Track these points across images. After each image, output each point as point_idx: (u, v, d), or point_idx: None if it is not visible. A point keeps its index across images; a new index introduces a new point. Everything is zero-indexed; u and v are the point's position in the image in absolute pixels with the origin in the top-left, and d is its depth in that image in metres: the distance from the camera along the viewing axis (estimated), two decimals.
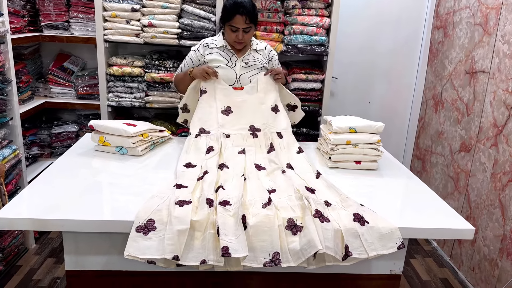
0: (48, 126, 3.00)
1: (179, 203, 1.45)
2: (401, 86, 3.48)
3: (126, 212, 1.44)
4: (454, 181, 2.86)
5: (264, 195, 1.57)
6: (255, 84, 2.20)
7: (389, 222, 1.48)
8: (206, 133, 2.07)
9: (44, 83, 2.95)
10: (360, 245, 1.43)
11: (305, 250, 1.37)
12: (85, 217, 1.42)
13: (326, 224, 1.42)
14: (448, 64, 3.02)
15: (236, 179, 1.69)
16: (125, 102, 2.81)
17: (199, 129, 2.09)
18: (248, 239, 1.38)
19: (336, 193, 1.65)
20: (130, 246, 1.34)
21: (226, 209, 1.44)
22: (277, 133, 2.11)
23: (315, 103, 2.94)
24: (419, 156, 3.45)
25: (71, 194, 1.58)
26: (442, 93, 3.09)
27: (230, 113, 2.13)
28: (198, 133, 2.06)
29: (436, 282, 2.63)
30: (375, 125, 1.97)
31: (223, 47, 2.23)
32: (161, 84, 2.80)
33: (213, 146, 1.97)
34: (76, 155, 1.96)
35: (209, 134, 2.06)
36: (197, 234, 1.39)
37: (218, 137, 2.03)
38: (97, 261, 1.59)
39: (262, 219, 1.42)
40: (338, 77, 3.31)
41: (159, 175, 1.80)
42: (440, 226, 1.53)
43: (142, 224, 1.38)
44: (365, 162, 1.97)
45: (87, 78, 2.96)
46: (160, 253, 1.33)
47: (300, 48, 2.77)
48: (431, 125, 3.25)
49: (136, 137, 1.95)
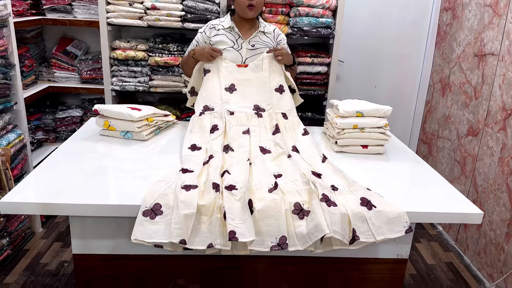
0: (53, 110, 2.99)
1: (185, 187, 1.44)
2: (408, 69, 3.43)
3: (132, 196, 1.44)
4: (460, 165, 2.84)
5: (270, 180, 1.56)
6: (260, 62, 2.16)
7: (396, 206, 1.47)
8: (210, 110, 2.04)
9: (47, 68, 2.94)
10: (367, 229, 1.42)
11: (312, 234, 1.36)
12: (91, 201, 1.42)
13: (333, 208, 1.41)
14: (456, 47, 2.97)
15: (242, 164, 1.68)
16: (129, 87, 2.79)
17: (203, 106, 2.06)
18: (254, 223, 1.38)
19: (342, 178, 1.64)
20: (137, 230, 1.34)
21: (232, 194, 1.43)
22: (282, 114, 2.08)
23: (321, 87, 2.91)
24: (425, 140, 3.42)
25: (76, 178, 1.57)
26: (450, 76, 3.04)
27: (234, 91, 2.10)
28: (202, 111, 2.04)
29: (441, 266, 2.63)
30: (382, 109, 1.95)
31: (230, 28, 2.19)
32: (165, 68, 2.77)
33: (218, 124, 1.95)
34: (81, 140, 1.96)
35: (213, 111, 2.04)
36: (203, 218, 1.39)
37: (222, 114, 2.01)
38: (104, 245, 1.59)
39: (269, 204, 1.41)
40: (344, 61, 3.27)
41: (165, 159, 1.79)
42: (448, 210, 1.52)
43: (148, 208, 1.37)
44: (372, 147, 1.96)
45: (90, 62, 2.93)
46: (167, 237, 1.33)
47: (305, 31, 2.73)
48: (438, 109, 3.21)
49: (141, 122, 1.93)
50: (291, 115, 2.10)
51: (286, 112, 2.10)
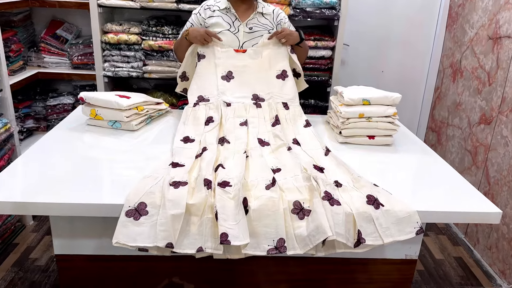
0: (43, 98, 2.85)
1: (174, 184, 1.31)
2: (416, 53, 3.26)
3: (117, 194, 1.31)
4: (472, 155, 2.69)
5: (267, 175, 1.43)
6: (260, 48, 2.01)
7: (406, 205, 1.34)
8: (205, 101, 1.90)
9: (36, 52, 2.79)
10: (374, 230, 1.29)
11: (313, 236, 1.23)
12: (71, 200, 1.29)
13: (336, 207, 1.28)
14: (468, 29, 2.79)
15: (238, 157, 1.55)
16: (122, 72, 2.64)
17: (198, 97, 1.93)
18: (250, 224, 1.25)
19: (347, 172, 1.50)
20: (119, 232, 1.22)
21: (225, 191, 1.30)
22: (283, 104, 1.94)
23: (325, 72, 2.75)
24: (434, 128, 3.27)
25: (57, 173, 1.45)
26: (461, 60, 2.87)
27: (231, 79, 1.96)
28: (196, 102, 1.90)
29: (450, 261, 2.51)
30: (391, 96, 1.80)
31: (226, 9, 2.03)
32: (159, 52, 2.62)
33: (213, 116, 1.82)
34: (67, 130, 1.83)
35: (208, 102, 1.90)
36: (193, 219, 1.26)
37: (218, 105, 1.87)
38: (88, 244, 1.48)
39: (266, 202, 1.28)
40: (349, 44, 3.10)
41: (155, 151, 1.66)
42: (463, 209, 1.38)
43: (132, 208, 1.24)
44: (379, 137, 1.81)
45: (81, 46, 2.78)
46: (152, 240, 1.21)
47: (309, 12, 2.56)
48: (448, 95, 3.05)
49: (130, 110, 1.80)
50: (293, 104, 1.95)
51: (288, 101, 1.95)
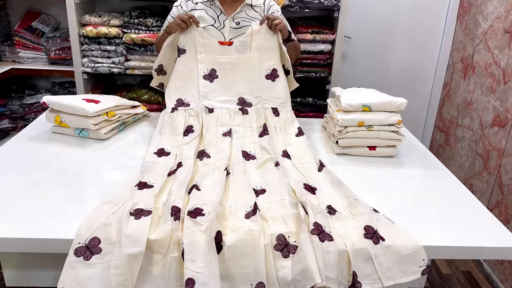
0: (19, 95, 2.64)
1: (136, 213, 1.11)
2: (424, 46, 3.00)
3: (72, 224, 1.10)
4: (483, 159, 2.46)
5: (249, 199, 1.22)
6: (248, 38, 1.78)
7: (411, 239, 1.13)
8: (185, 106, 1.69)
9: (10, 47, 2.57)
10: (373, 271, 1.08)
11: (298, 282, 1.03)
12: (19, 233, 1.08)
13: (327, 244, 1.07)
14: (482, 21, 2.54)
15: (217, 174, 1.34)
16: (102, 68, 2.43)
17: (177, 100, 1.72)
18: (223, 264, 1.05)
19: (342, 194, 1.29)
20: (66, 275, 1.02)
21: (196, 222, 1.09)
22: (272, 109, 1.73)
23: (324, 68, 2.52)
24: (442, 128, 3.03)
25: (8, 194, 1.24)
26: (474, 55, 2.62)
27: (215, 78, 1.74)
28: (175, 107, 1.70)
29: (458, 276, 2.31)
30: (395, 102, 1.58)
31: (210, 1, 1.80)
32: (142, 46, 2.39)
33: (193, 125, 1.61)
34: (28, 139, 1.62)
35: (188, 107, 1.69)
36: (156, 257, 1.06)
37: (199, 112, 1.66)
38: (45, 276, 1.28)
39: (244, 236, 1.08)
40: (351, 37, 2.85)
41: (126, 165, 1.45)
42: (480, 243, 1.16)
43: (83, 245, 1.04)
44: (381, 148, 1.60)
45: (58, 40, 2.56)
46: (104, 286, 1.01)
47: (306, 2, 2.33)
48: (458, 93, 2.81)
49: (98, 117, 1.59)
50: (284, 110, 1.74)
51: (278, 106, 1.74)
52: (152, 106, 2.49)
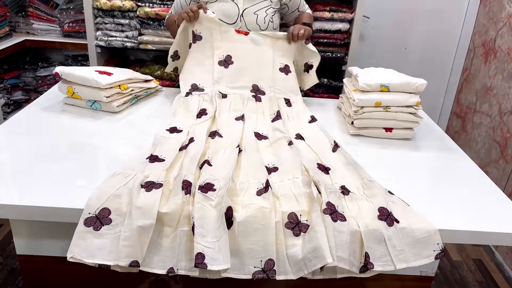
0: (33, 67, 2.64)
1: (147, 185, 1.10)
2: (444, 29, 2.92)
3: (83, 194, 1.09)
4: (500, 147, 2.41)
5: (261, 176, 1.20)
6: (263, 35, 1.77)
7: (426, 222, 1.10)
8: (199, 91, 1.67)
9: (24, 18, 2.55)
10: (386, 253, 1.06)
11: (309, 260, 1.01)
12: (31, 201, 1.08)
13: (340, 224, 1.05)
14: (507, 4, 2.44)
15: (229, 151, 1.32)
16: (116, 42, 2.40)
17: (191, 85, 1.71)
18: (233, 240, 1.03)
19: (357, 175, 1.26)
20: (75, 244, 1.01)
21: (207, 197, 1.08)
22: (285, 100, 1.70)
23: (341, 48, 2.46)
24: (459, 113, 2.96)
25: (20, 164, 1.24)
26: (496, 39, 2.54)
27: (230, 64, 1.72)
28: (189, 91, 1.68)
29: (469, 263, 2.28)
30: (414, 83, 1.53)
31: None
32: (156, 21, 2.36)
33: (206, 108, 1.59)
34: (40, 110, 1.61)
35: (202, 92, 1.67)
36: (166, 230, 1.05)
37: (212, 96, 1.64)
38: (54, 245, 1.29)
39: (255, 213, 1.06)
40: (370, 17, 2.78)
41: (137, 139, 1.44)
42: (497, 229, 1.13)
43: (93, 215, 1.04)
44: (397, 130, 1.56)
45: (72, 12, 2.53)
46: (114, 256, 1.00)
47: None
48: (477, 78, 2.73)
49: (110, 89, 1.57)
50: (296, 102, 1.73)
51: (290, 97, 1.73)
52: (165, 82, 2.47)
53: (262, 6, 1.78)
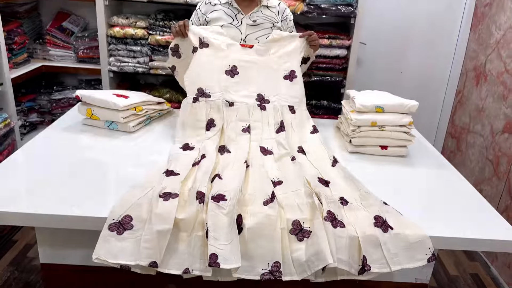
0: (48, 91, 2.79)
1: (164, 196, 1.21)
2: (438, 54, 3.08)
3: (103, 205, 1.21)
4: (493, 165, 2.52)
5: (267, 188, 1.31)
6: (268, 44, 1.88)
7: (418, 228, 1.21)
8: (206, 97, 1.77)
9: (42, 45, 2.72)
10: (381, 256, 1.17)
11: (312, 262, 1.12)
12: (56, 211, 1.20)
13: (340, 230, 1.16)
14: (495, 31, 2.60)
15: (237, 166, 1.44)
16: (128, 67, 2.55)
17: (198, 89, 1.77)
18: (243, 244, 1.14)
19: (354, 188, 1.38)
20: (100, 247, 1.12)
21: (219, 206, 1.19)
22: (289, 107, 1.81)
23: (339, 72, 2.61)
24: (454, 134, 3.09)
25: (44, 178, 1.36)
26: (486, 64, 2.69)
27: (236, 74, 1.82)
28: (196, 96, 1.76)
29: (466, 277, 2.36)
30: (407, 104, 1.66)
31: (227, 3, 1.92)
32: (166, 48, 2.51)
33: (215, 119, 1.70)
34: (61, 130, 1.74)
35: (209, 99, 1.77)
36: (182, 235, 1.16)
37: (220, 105, 1.75)
38: (76, 254, 1.39)
39: (262, 221, 1.17)
40: (366, 43, 2.94)
41: (152, 156, 1.56)
42: (484, 236, 1.24)
43: (116, 221, 1.15)
44: (392, 148, 1.68)
45: (87, 39, 2.70)
46: (135, 257, 1.11)
47: (323, 9, 2.42)
48: (470, 100, 2.87)
49: (127, 111, 1.70)
50: (300, 108, 1.82)
51: (294, 104, 1.82)
52: (174, 104, 2.60)
53: (263, 33, 1.93)
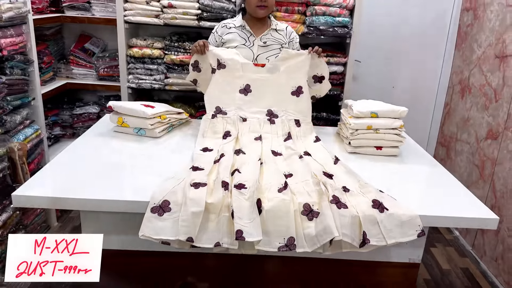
0: (70, 107, 3.03)
1: (194, 185, 1.44)
2: (427, 70, 3.37)
3: (143, 192, 1.44)
4: (479, 169, 2.77)
5: (280, 180, 1.55)
6: (278, 62, 2.11)
7: (409, 209, 1.44)
8: (223, 114, 2.03)
9: (65, 64, 2.98)
10: (379, 232, 1.39)
11: (320, 236, 1.34)
12: (102, 196, 1.43)
13: (343, 210, 1.39)
14: (477, 48, 2.89)
15: (253, 164, 1.67)
16: (145, 84, 2.81)
17: (216, 107, 2.05)
18: (263, 223, 1.37)
19: (354, 179, 1.61)
20: (145, 226, 1.35)
21: (241, 193, 1.42)
22: (295, 121, 2.06)
23: (337, 86, 2.87)
24: (443, 143, 3.35)
25: (89, 174, 1.59)
26: (470, 78, 2.97)
27: (249, 92, 2.07)
28: (214, 114, 2.03)
29: (457, 271, 2.57)
30: (398, 110, 1.91)
31: (241, 26, 2.19)
32: (180, 66, 2.78)
33: (230, 130, 1.95)
34: (95, 136, 1.98)
35: (225, 115, 2.03)
36: (211, 216, 1.38)
37: (235, 120, 2.00)
38: (114, 240, 1.61)
39: (278, 204, 1.40)
40: (361, 60, 3.22)
41: (177, 157, 1.79)
42: (463, 215, 1.48)
43: (157, 205, 1.38)
44: (386, 148, 1.92)
45: (107, 59, 2.96)
46: (174, 234, 1.33)
47: (322, 30, 2.70)
48: (457, 111, 3.14)
49: (154, 119, 1.94)
50: (305, 121, 2.07)
51: (300, 118, 2.06)
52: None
53: (273, 53, 2.19)
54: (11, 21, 2.18)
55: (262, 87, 2.09)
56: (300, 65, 2.10)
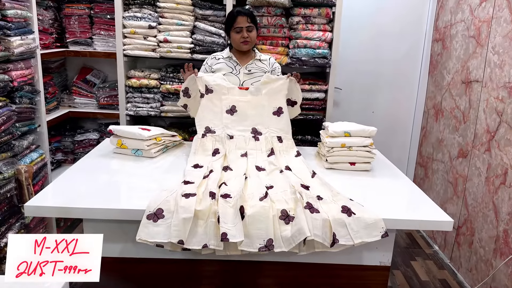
0: (72, 134, 3.25)
1: (185, 195, 1.64)
2: (403, 96, 3.63)
3: (139, 203, 1.63)
4: (453, 186, 2.97)
5: (262, 190, 1.75)
6: (261, 86, 2.35)
7: (374, 213, 1.64)
8: (212, 133, 2.25)
9: (68, 94, 3.21)
10: (347, 233, 1.59)
11: (295, 237, 1.53)
12: (103, 206, 1.62)
13: (315, 214, 1.59)
14: (446, 75, 3.16)
15: (239, 178, 1.87)
16: (142, 112, 3.04)
17: (205, 128, 2.26)
18: (245, 227, 1.56)
19: (328, 189, 1.81)
20: (141, 231, 1.53)
21: (226, 201, 1.62)
22: (278, 137, 2.28)
23: (319, 112, 3.11)
24: (422, 163, 3.57)
25: (91, 189, 1.79)
26: (442, 102, 3.22)
27: (235, 112, 2.30)
28: (204, 133, 2.24)
29: (435, 282, 2.73)
30: (368, 129, 2.14)
31: (229, 57, 2.45)
32: (175, 94, 3.02)
33: (219, 148, 2.16)
34: (96, 157, 2.18)
35: (214, 134, 2.24)
36: (200, 222, 1.57)
37: (223, 138, 2.22)
38: (113, 248, 1.78)
39: (259, 210, 1.60)
40: (342, 87, 3.48)
41: (170, 174, 1.99)
42: (422, 218, 1.68)
43: (152, 212, 1.57)
44: (359, 164, 2.13)
45: (107, 89, 3.21)
46: (167, 237, 1.52)
47: (304, 61, 2.96)
48: (432, 133, 3.38)
49: (150, 140, 2.15)
50: (286, 138, 2.29)
51: (282, 135, 2.29)
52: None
53: (256, 79, 2.43)
54: (22, 55, 2.42)
55: (246, 107, 2.32)
56: (279, 88, 2.34)
